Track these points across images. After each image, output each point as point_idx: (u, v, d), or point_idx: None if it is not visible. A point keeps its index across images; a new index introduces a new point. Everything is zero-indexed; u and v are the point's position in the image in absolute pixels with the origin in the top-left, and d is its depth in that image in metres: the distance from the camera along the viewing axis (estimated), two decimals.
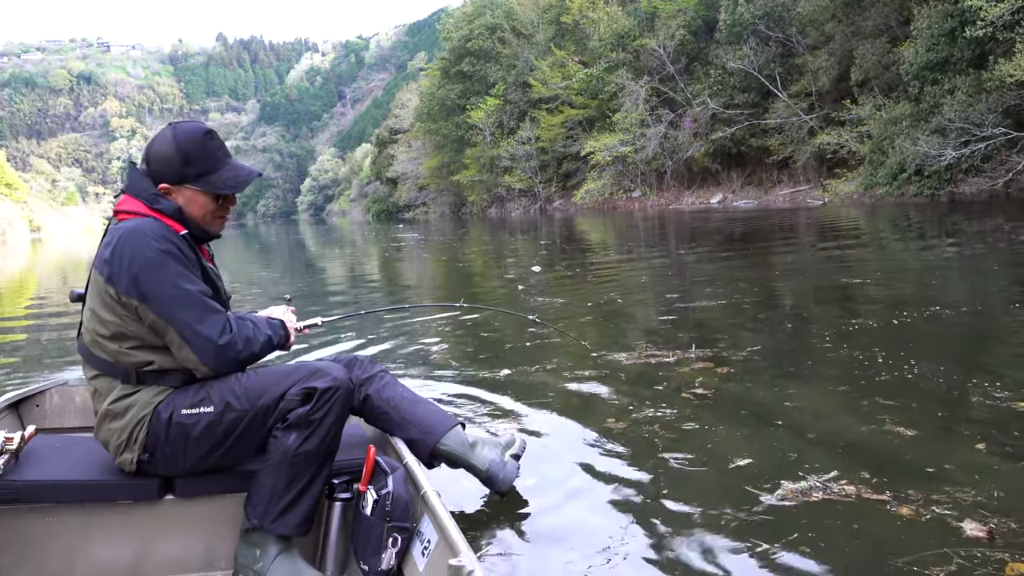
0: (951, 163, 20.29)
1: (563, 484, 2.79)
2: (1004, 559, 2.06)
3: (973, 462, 2.71)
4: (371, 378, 2.51)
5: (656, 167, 37.25)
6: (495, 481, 2.63)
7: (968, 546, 2.13)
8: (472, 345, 5.55)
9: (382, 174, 72.78)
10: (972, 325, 5.23)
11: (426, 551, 1.91)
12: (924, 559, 2.10)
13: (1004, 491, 2.45)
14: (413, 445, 2.47)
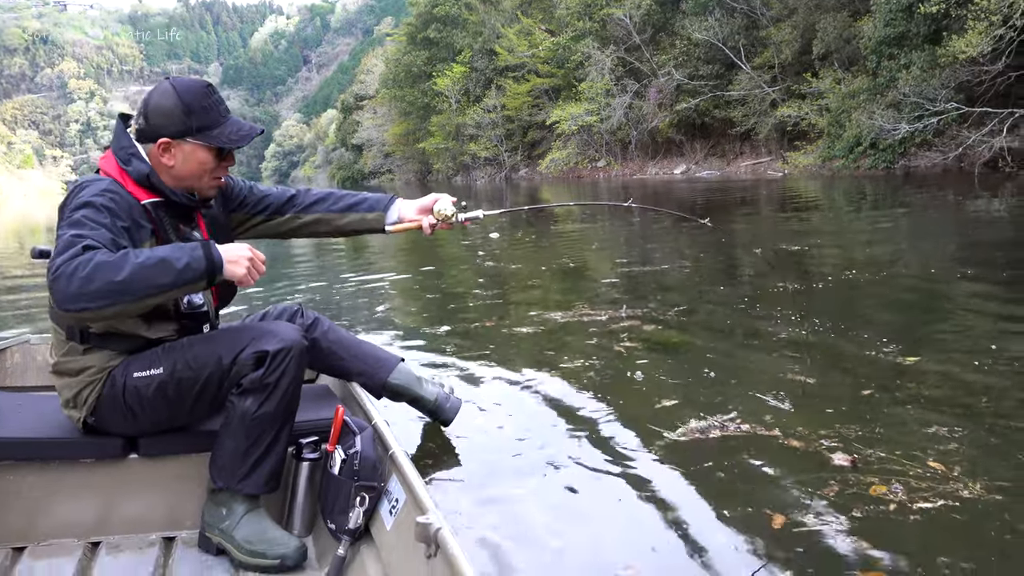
0: (905, 137, 20.71)
1: (505, 436, 2.99)
2: (871, 482, 2.36)
3: (859, 405, 3.03)
4: (315, 323, 2.57)
5: (621, 137, 37.43)
6: (442, 411, 2.78)
7: (838, 471, 2.43)
8: (415, 305, 5.80)
9: (347, 140, 72.21)
10: (901, 288, 5.56)
11: (394, 510, 1.90)
12: (803, 481, 2.40)
13: (879, 427, 2.76)
14: (363, 379, 2.60)
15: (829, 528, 2.13)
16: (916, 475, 2.37)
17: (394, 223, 2.51)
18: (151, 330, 2.05)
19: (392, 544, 1.84)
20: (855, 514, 2.19)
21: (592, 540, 2.19)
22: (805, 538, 2.10)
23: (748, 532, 2.15)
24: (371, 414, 2.28)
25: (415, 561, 1.63)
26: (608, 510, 2.35)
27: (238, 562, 1.98)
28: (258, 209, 2.42)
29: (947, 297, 5.24)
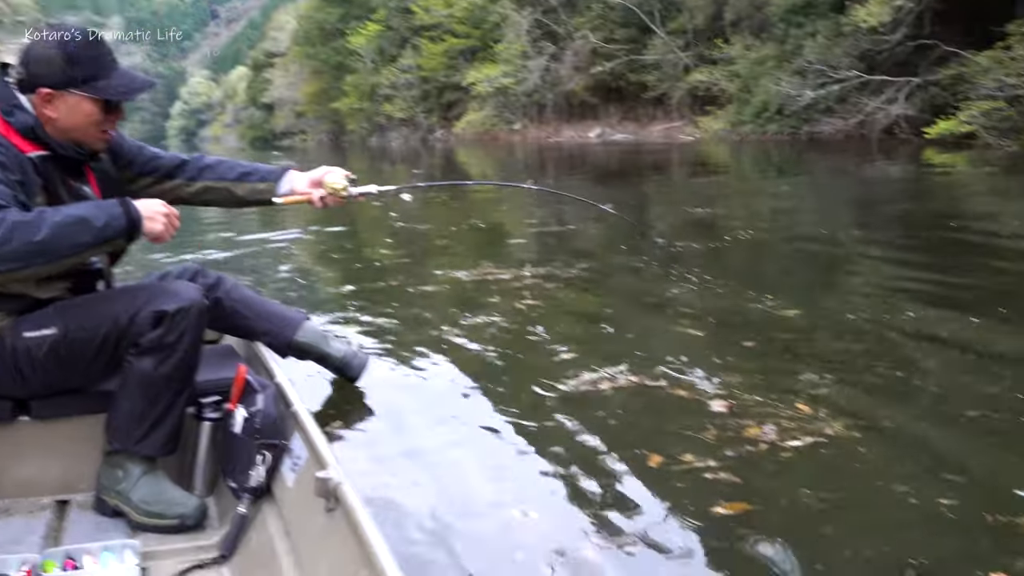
0: (809, 103, 21.40)
1: (410, 391, 3.05)
2: (744, 424, 2.53)
3: (740, 356, 3.23)
4: (217, 282, 2.52)
5: (537, 100, 37.46)
6: (349, 368, 2.80)
7: (716, 416, 2.60)
8: (323, 265, 5.80)
9: (257, 99, 70.09)
10: (797, 248, 5.85)
11: (295, 467, 1.89)
12: (684, 426, 2.56)
13: (756, 376, 2.96)
14: (268, 338, 2.59)
15: (705, 466, 2.29)
16: (787, 417, 2.56)
17: (284, 195, 2.44)
18: (41, 289, 1.97)
19: (293, 500, 1.83)
20: (729, 453, 2.35)
21: (490, 489, 2.28)
22: (682, 476, 2.25)
23: (630, 472, 2.29)
24: (274, 373, 2.28)
25: (316, 516, 1.63)
26: (505, 460, 2.45)
27: (136, 523, 1.94)
28: (146, 170, 2.33)
29: (837, 255, 5.53)
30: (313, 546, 1.63)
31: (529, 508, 2.13)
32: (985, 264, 5.09)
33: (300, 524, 1.74)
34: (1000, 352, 3.24)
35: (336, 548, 1.51)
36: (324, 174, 2.44)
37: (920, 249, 5.76)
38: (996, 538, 1.89)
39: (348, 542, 1.44)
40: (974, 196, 9.65)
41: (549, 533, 2.00)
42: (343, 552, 1.46)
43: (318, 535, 1.62)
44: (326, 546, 1.56)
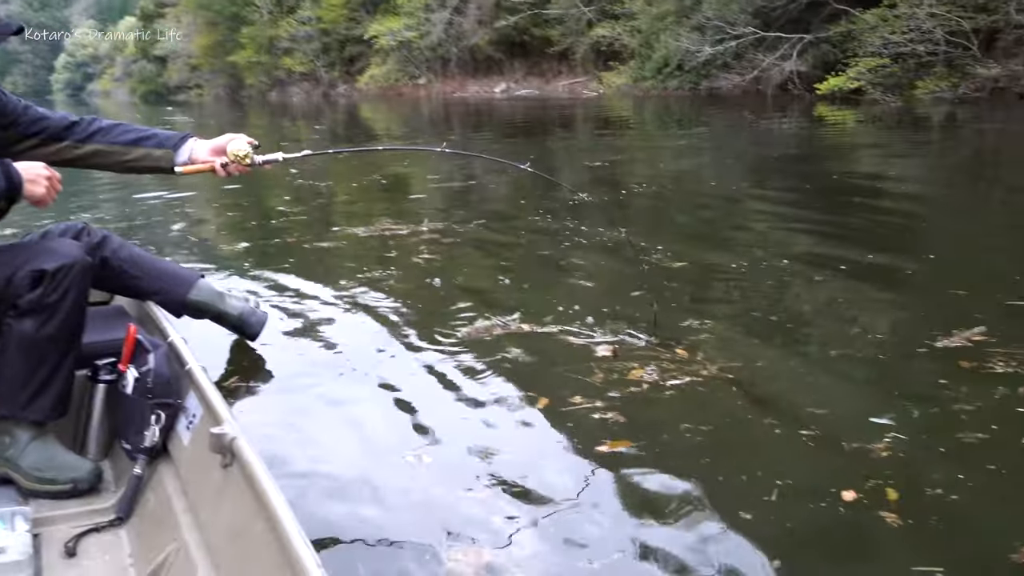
0: (708, 59, 21.83)
1: (308, 346, 3.06)
2: (629, 367, 2.66)
3: (627, 304, 3.37)
4: (103, 241, 2.45)
5: (441, 54, 36.98)
6: (248, 326, 2.77)
7: (602, 360, 2.72)
8: (217, 223, 5.71)
9: (149, 52, 66.80)
10: (692, 199, 6.04)
11: (191, 425, 1.89)
12: (571, 370, 2.69)
13: (641, 323, 3.09)
14: (161, 297, 2.53)
15: (591, 406, 2.41)
16: (667, 359, 2.71)
17: (184, 163, 2.36)
18: None
19: (189, 459, 1.83)
20: (614, 394, 2.47)
21: (385, 437, 2.33)
22: (570, 416, 2.36)
23: (521, 414, 2.41)
24: (167, 332, 2.24)
25: (212, 472, 1.63)
26: (400, 408, 2.50)
27: (27, 490, 1.90)
28: (32, 131, 2.22)
29: (729, 207, 5.77)
30: (210, 503, 1.62)
31: (423, 453, 2.20)
32: (865, 210, 5.41)
33: (197, 482, 1.73)
34: (871, 294, 3.48)
35: (233, 503, 1.51)
36: (227, 142, 2.37)
37: (807, 199, 6.06)
38: (850, 462, 2.06)
39: (245, 496, 1.45)
40: (859, 148, 10.12)
41: (442, 476, 2.09)
42: (240, 507, 1.47)
43: (215, 491, 1.61)
44: (223, 502, 1.56)
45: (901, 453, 2.08)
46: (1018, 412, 2.27)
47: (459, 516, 1.90)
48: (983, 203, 5.77)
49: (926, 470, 2.00)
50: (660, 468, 2.07)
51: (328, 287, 3.77)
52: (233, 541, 1.48)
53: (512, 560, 1.73)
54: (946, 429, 2.19)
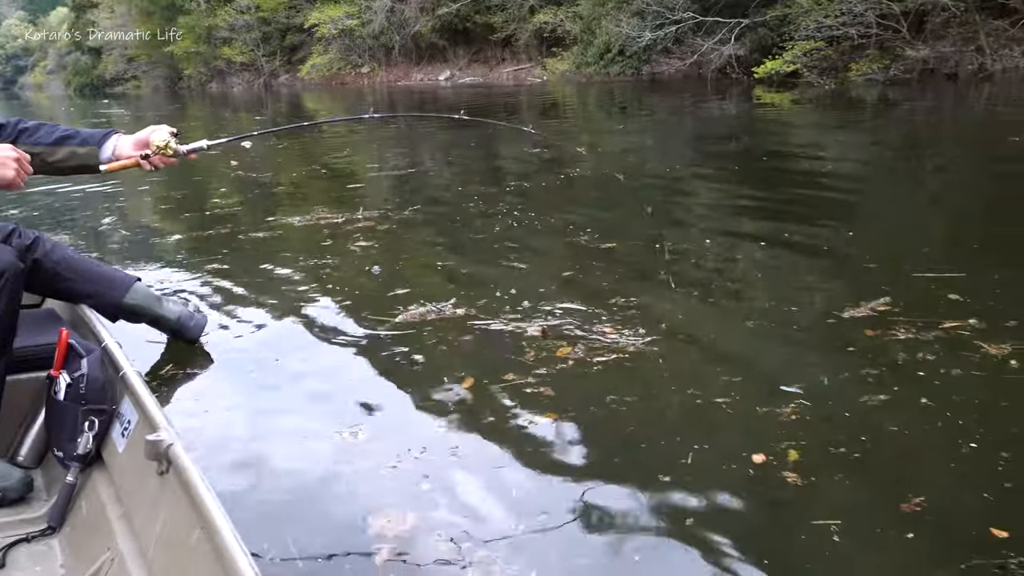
0: (648, 44, 22.05)
1: (247, 345, 3.02)
2: (558, 345, 2.76)
3: (558, 286, 3.48)
4: (35, 243, 2.40)
5: (384, 42, 36.67)
6: (186, 330, 2.73)
7: (533, 340, 2.81)
8: (150, 218, 5.66)
9: (82, 43, 64.92)
10: (627, 181, 6.14)
11: (126, 431, 1.84)
12: (501, 349, 2.79)
13: (570, 303, 3.20)
14: (95, 300, 2.48)
15: (522, 383, 2.51)
16: (594, 337, 2.81)
17: (109, 160, 2.32)
18: None
19: (124, 466, 1.78)
20: (542, 371, 2.57)
21: (321, 432, 2.32)
22: (500, 393, 2.46)
23: (454, 392, 2.50)
24: (101, 336, 2.19)
25: (148, 479, 1.60)
26: (338, 401, 2.53)
27: None
28: None
29: (666, 187, 5.91)
30: (146, 510, 1.59)
31: (361, 442, 2.25)
32: (793, 187, 5.61)
33: (132, 489, 1.70)
34: (788, 269, 3.63)
35: (169, 511, 1.49)
36: (150, 134, 2.35)
37: (738, 178, 6.23)
38: (760, 427, 2.19)
39: (181, 503, 1.43)
40: (794, 129, 10.37)
41: (377, 453, 2.16)
42: (176, 513, 1.45)
43: (151, 499, 1.58)
44: (159, 509, 1.54)
45: (808, 417, 2.22)
46: (917, 375, 2.41)
47: (392, 493, 1.97)
48: (907, 180, 6.00)
49: (829, 432, 2.13)
50: (584, 438, 2.19)
51: (267, 281, 3.81)
52: (169, 549, 1.46)
53: (433, 523, 1.82)
54: (849, 393, 2.33)
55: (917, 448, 2.06)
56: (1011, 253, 3.74)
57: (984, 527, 1.71)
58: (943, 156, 7.35)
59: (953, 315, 2.81)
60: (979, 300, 2.96)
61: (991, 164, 6.42)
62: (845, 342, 2.68)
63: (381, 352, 2.83)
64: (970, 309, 2.86)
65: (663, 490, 1.93)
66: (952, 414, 2.17)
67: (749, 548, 1.70)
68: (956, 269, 3.34)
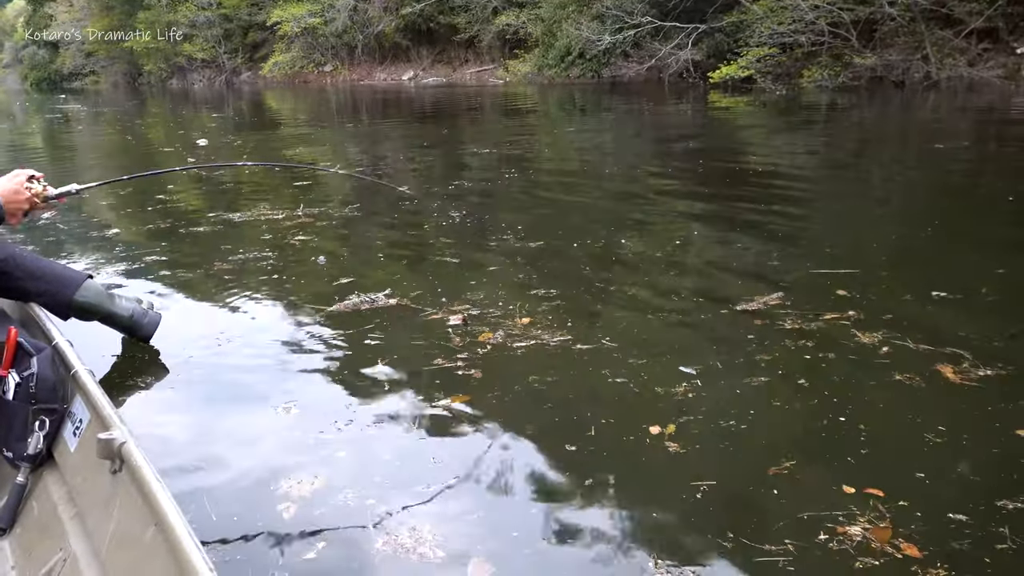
0: (608, 48, 22.38)
1: (199, 340, 3.05)
2: (480, 330, 2.96)
3: (482, 279, 3.68)
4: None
5: (347, 41, 36.64)
6: (139, 327, 2.73)
7: (455, 328, 3.05)
8: (98, 216, 5.75)
9: (39, 37, 63.77)
10: (567, 178, 6.35)
11: (78, 431, 1.83)
12: (425, 336, 2.97)
13: (494, 294, 3.40)
14: (45, 299, 2.48)
15: (441, 364, 2.70)
16: (512, 326, 3.02)
17: None
18: None
19: (76, 465, 1.78)
20: (462, 355, 2.77)
21: (270, 423, 2.39)
22: (421, 375, 2.65)
23: (382, 373, 2.68)
24: (51, 334, 2.19)
25: (100, 479, 1.60)
26: (288, 391, 2.60)
27: None
28: None
29: (609, 186, 6.11)
30: (99, 509, 1.59)
31: (294, 402, 2.43)
32: (736, 186, 5.86)
33: (84, 489, 1.69)
34: (697, 264, 3.86)
35: (123, 509, 1.49)
36: (11, 179, 2.33)
37: (685, 176, 6.48)
38: (661, 403, 2.40)
39: (135, 502, 1.43)
40: (744, 132, 10.67)
41: (308, 430, 2.32)
42: (130, 512, 1.45)
43: (104, 498, 1.58)
44: (112, 508, 1.53)
45: (702, 394, 2.44)
46: (804, 359, 2.65)
47: (341, 473, 2.14)
48: (837, 182, 6.27)
49: (716, 407, 2.35)
50: (500, 413, 2.38)
51: (212, 275, 3.95)
52: (123, 548, 1.46)
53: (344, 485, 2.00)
54: (737, 374, 2.56)
55: (790, 421, 2.29)
56: (904, 252, 4.04)
57: (839, 485, 1.93)
58: (879, 157, 7.66)
59: (837, 308, 3.07)
60: (864, 295, 3.23)
61: (911, 169, 6.77)
62: (739, 330, 2.92)
63: (317, 338, 3.02)
64: (854, 303, 3.13)
65: (567, 458, 2.13)
66: (824, 393, 2.41)
67: (635, 504, 1.91)
68: (852, 266, 3.62)
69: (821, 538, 1.73)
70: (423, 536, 1.77)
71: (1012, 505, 1.80)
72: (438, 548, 1.73)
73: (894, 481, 1.93)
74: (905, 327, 2.83)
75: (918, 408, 2.29)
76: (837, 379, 2.49)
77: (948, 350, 2.62)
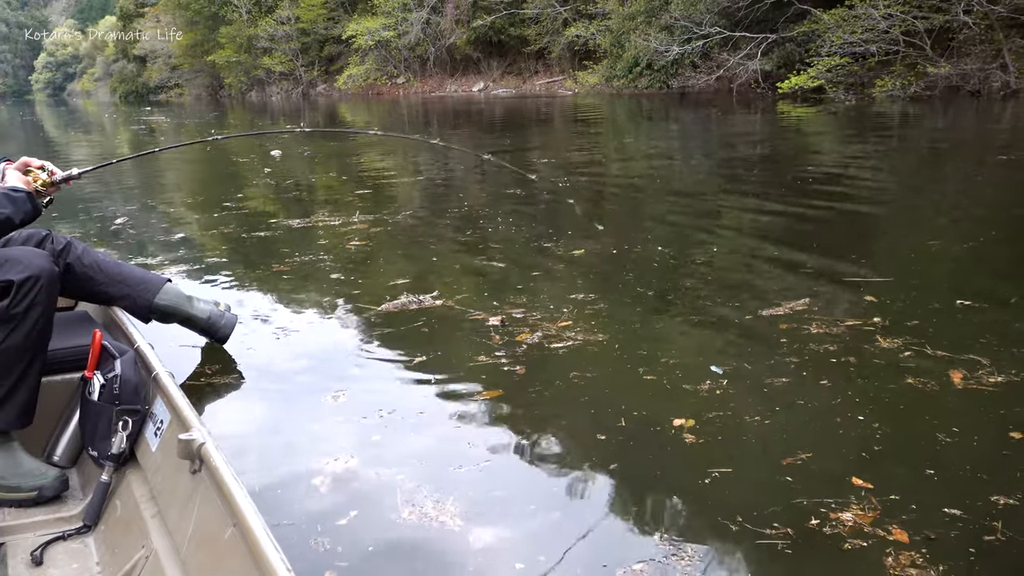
0: (676, 58, 22.35)
1: (273, 343, 3.19)
2: (520, 331, 3.13)
3: (524, 284, 3.88)
4: (67, 247, 2.48)
5: (419, 53, 37.38)
6: (216, 328, 2.79)
7: (496, 328, 3.22)
8: (178, 225, 6.10)
9: (129, 51, 66.68)
10: (629, 189, 6.47)
11: (159, 431, 1.87)
12: (472, 335, 3.14)
13: (535, 299, 3.55)
14: (127, 302, 2.56)
15: (487, 360, 2.88)
16: (549, 328, 3.19)
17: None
18: None
19: (157, 465, 1.81)
20: (500, 353, 2.93)
21: (346, 425, 2.46)
22: (471, 369, 2.84)
23: (426, 369, 2.87)
24: (133, 337, 2.24)
25: (181, 479, 1.63)
26: (359, 393, 2.70)
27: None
28: None
29: (669, 194, 6.21)
30: (179, 509, 1.62)
31: (383, 433, 2.61)
32: (790, 195, 5.93)
33: (165, 488, 1.73)
34: (735, 269, 3.95)
35: (202, 509, 1.52)
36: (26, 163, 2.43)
37: (747, 185, 6.52)
38: (688, 399, 2.53)
39: (214, 502, 1.46)
40: (812, 142, 10.61)
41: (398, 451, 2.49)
42: (209, 512, 1.47)
43: (184, 497, 1.61)
44: (192, 507, 1.56)
45: (731, 391, 2.55)
46: (830, 362, 2.73)
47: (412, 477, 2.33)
48: (898, 192, 6.24)
49: (741, 403, 2.46)
50: (540, 406, 2.54)
51: (271, 277, 4.22)
52: (202, 547, 1.48)
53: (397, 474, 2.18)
54: (763, 374, 2.66)
55: (809, 419, 2.38)
56: (938, 262, 4.08)
57: (848, 476, 2.03)
58: (942, 171, 7.56)
59: (866, 314, 3.16)
60: (893, 302, 3.31)
61: (974, 180, 6.66)
62: (766, 333, 3.03)
63: (373, 330, 3.29)
64: (882, 309, 3.21)
65: (597, 445, 2.27)
66: (844, 393, 2.49)
67: (652, 487, 2.05)
68: (887, 275, 3.70)
69: (814, 523, 1.83)
70: (446, 507, 1.94)
71: (1004, 501, 1.87)
72: (458, 517, 1.89)
73: (897, 476, 2.02)
74: (930, 334, 2.91)
75: (930, 410, 2.37)
76: (856, 381, 2.57)
77: (965, 356, 2.68)
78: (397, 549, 1.81)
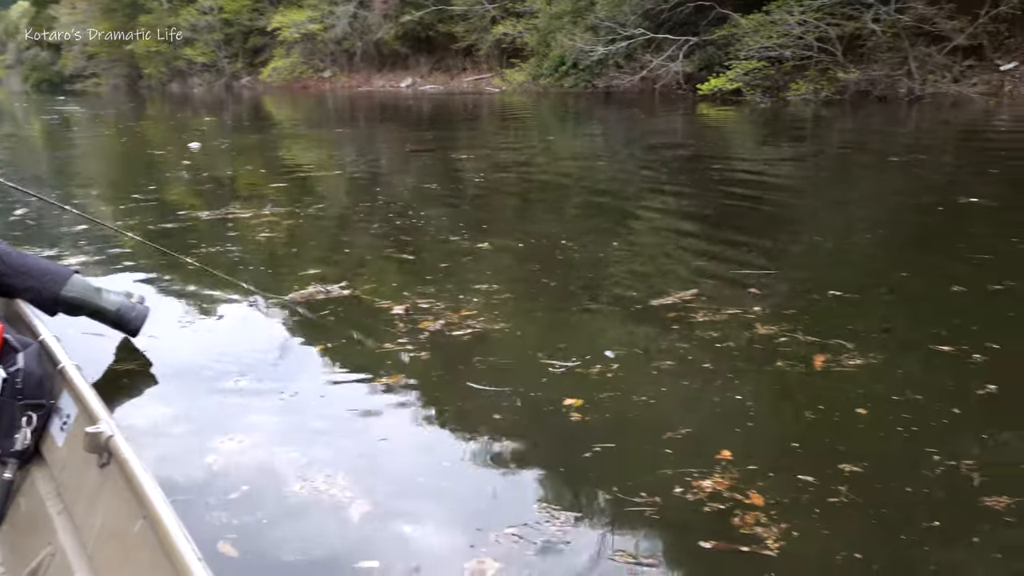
0: (601, 58, 22.69)
1: (185, 334, 3.20)
2: (423, 319, 3.25)
3: (433, 275, 3.99)
4: None
5: (347, 47, 37.00)
6: (127, 321, 2.74)
7: (399, 317, 3.33)
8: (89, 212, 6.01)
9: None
10: (533, 182, 6.62)
11: (65, 426, 1.83)
12: (373, 322, 3.23)
13: (439, 289, 3.66)
14: (33, 294, 2.50)
15: (391, 347, 2.98)
16: (452, 316, 3.29)
17: None
18: None
19: (64, 460, 1.78)
20: (403, 340, 3.02)
21: (258, 415, 2.48)
22: (375, 355, 2.93)
23: (330, 355, 2.96)
24: (37, 330, 2.19)
25: (88, 473, 1.59)
26: (257, 371, 2.79)
27: None
28: None
29: (579, 189, 6.37)
30: (86, 504, 1.58)
31: (288, 422, 2.66)
32: (722, 197, 6.13)
33: (72, 483, 1.69)
34: (631, 261, 4.12)
35: (111, 503, 1.49)
36: None
37: (662, 187, 6.72)
38: (581, 381, 2.66)
39: (123, 495, 1.43)
40: (727, 141, 10.96)
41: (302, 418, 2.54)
42: (118, 505, 1.45)
43: (92, 491, 1.58)
44: (100, 502, 1.53)
45: (621, 374, 2.70)
46: (713, 347, 2.91)
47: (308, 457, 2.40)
48: (809, 196, 6.52)
49: (631, 385, 2.61)
50: (439, 389, 2.65)
51: (187, 268, 4.20)
52: (111, 541, 1.45)
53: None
54: (652, 357, 2.83)
55: (691, 398, 2.54)
56: (822, 257, 4.32)
57: (718, 449, 2.19)
58: (847, 172, 7.91)
59: (748, 304, 3.35)
60: (774, 293, 3.52)
61: (876, 183, 7.03)
62: (656, 322, 3.20)
63: (282, 323, 3.35)
64: (763, 299, 3.41)
65: (489, 424, 2.39)
66: (724, 375, 2.67)
67: (536, 460, 2.17)
68: (775, 268, 3.93)
69: (678, 491, 1.99)
70: (336, 481, 2.03)
71: (850, 469, 2.06)
72: (347, 490, 1.99)
73: (762, 448, 2.20)
74: (804, 322, 3.12)
75: (798, 390, 2.56)
76: (734, 363, 2.76)
77: (833, 342, 2.89)
78: (288, 518, 1.90)
